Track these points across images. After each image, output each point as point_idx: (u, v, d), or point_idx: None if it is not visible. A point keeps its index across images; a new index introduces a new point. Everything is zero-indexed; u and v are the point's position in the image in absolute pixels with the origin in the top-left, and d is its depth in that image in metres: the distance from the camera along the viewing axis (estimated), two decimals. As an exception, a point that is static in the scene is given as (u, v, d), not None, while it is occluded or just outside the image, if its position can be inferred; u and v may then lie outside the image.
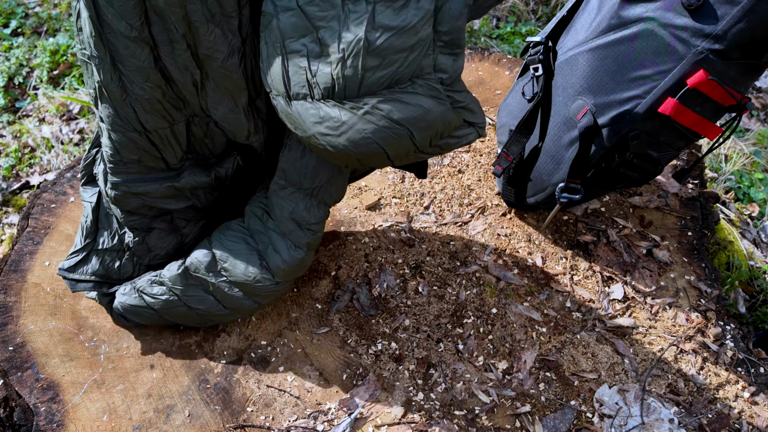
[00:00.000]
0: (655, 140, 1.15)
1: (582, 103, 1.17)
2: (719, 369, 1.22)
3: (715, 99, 1.07)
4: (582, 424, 1.14)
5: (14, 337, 1.20)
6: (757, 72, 1.07)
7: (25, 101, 2.20)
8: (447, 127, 0.91)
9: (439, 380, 1.18)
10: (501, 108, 1.48)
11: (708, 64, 1.02)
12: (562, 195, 1.24)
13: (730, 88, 1.06)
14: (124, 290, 1.19)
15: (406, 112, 0.86)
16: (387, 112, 0.86)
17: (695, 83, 1.03)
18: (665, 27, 1.05)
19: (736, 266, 1.58)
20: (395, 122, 0.87)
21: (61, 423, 1.10)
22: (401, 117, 0.87)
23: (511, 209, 1.46)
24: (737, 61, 1.03)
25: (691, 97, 1.07)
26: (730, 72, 1.04)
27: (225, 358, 1.20)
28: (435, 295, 1.30)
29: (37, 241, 1.35)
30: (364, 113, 0.87)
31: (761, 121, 2.24)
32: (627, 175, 1.23)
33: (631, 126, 1.12)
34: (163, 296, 1.16)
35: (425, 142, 0.91)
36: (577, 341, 1.25)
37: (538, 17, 2.53)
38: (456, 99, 0.90)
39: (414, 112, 0.86)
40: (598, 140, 1.17)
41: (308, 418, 1.13)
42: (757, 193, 1.92)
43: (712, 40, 1.01)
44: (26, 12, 2.52)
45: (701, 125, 1.12)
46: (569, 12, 1.26)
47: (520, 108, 1.35)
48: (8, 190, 1.94)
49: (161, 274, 1.17)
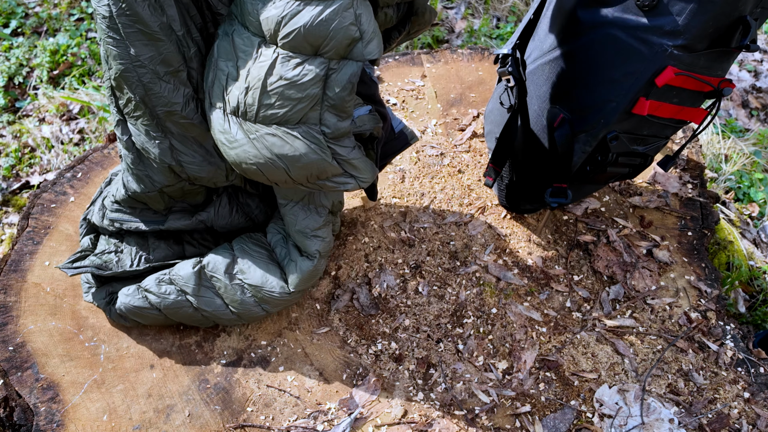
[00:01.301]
0: (638, 136, 1.14)
1: (557, 112, 1.17)
2: (719, 369, 1.22)
3: (690, 88, 1.06)
4: (582, 424, 1.14)
5: (14, 337, 1.20)
6: (729, 55, 1.05)
7: (25, 101, 2.20)
8: (322, 172, 1.03)
9: (439, 380, 1.18)
10: (486, 115, 1.48)
11: (674, 59, 1.01)
12: (551, 199, 1.24)
13: (704, 75, 1.04)
14: (128, 291, 1.19)
15: (285, 150, 1.00)
16: (270, 144, 1.00)
17: (665, 81, 1.02)
18: (624, 29, 1.03)
19: (736, 266, 1.58)
20: (275, 155, 1.00)
21: (61, 423, 1.10)
22: (280, 153, 1.00)
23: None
24: (704, 51, 1.01)
25: (665, 93, 1.05)
26: (700, 62, 1.03)
27: (225, 358, 1.20)
28: (435, 295, 1.30)
29: (37, 241, 1.35)
30: (253, 138, 1.01)
31: (761, 121, 2.24)
32: (616, 172, 1.22)
33: (606, 128, 1.11)
34: (171, 295, 1.16)
35: (301, 178, 1.04)
36: (577, 341, 1.25)
37: (538, 17, 2.53)
38: (338, 152, 1.02)
39: (291, 151, 1.00)
40: (578, 145, 1.16)
41: (308, 418, 1.13)
42: (757, 193, 1.92)
43: (674, 36, 0.99)
44: (26, 12, 2.52)
45: (683, 113, 1.10)
46: (534, 15, 1.24)
47: (501, 117, 1.34)
48: (8, 190, 1.94)
49: (171, 273, 1.18)
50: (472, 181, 1.52)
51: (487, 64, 1.81)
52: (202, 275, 1.17)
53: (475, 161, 1.56)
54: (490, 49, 1.86)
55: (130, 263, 1.22)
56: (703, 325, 1.28)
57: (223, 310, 1.17)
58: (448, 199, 1.48)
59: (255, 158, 1.02)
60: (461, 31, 2.45)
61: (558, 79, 1.16)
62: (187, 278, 1.17)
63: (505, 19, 2.53)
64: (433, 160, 1.56)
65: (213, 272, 1.17)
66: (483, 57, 1.83)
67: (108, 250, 1.24)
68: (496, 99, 1.38)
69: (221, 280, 1.16)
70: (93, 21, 2.50)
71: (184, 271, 1.17)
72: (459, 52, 1.84)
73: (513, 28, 2.45)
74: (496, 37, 2.41)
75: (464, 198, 1.48)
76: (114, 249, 1.24)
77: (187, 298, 1.16)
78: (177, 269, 1.18)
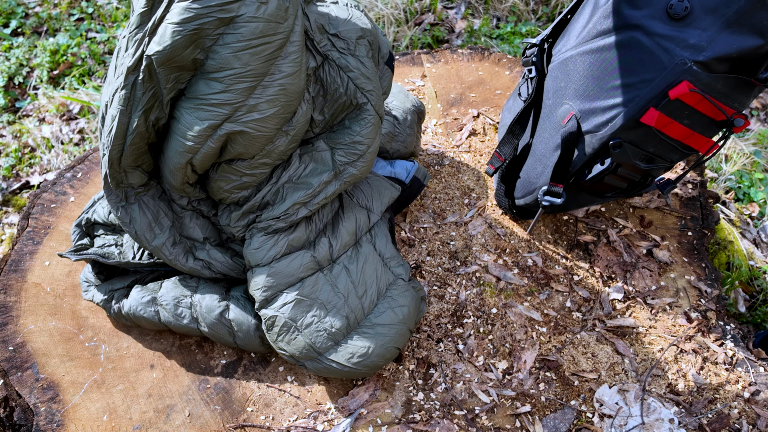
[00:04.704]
0: (643, 150, 1.13)
1: (568, 108, 1.16)
2: (719, 369, 1.22)
3: (703, 112, 1.04)
4: (582, 424, 1.14)
5: (14, 337, 1.20)
6: (750, 88, 1.02)
7: (25, 101, 2.20)
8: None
9: (439, 380, 1.18)
10: (504, 108, 1.49)
11: (692, 75, 0.99)
12: (544, 198, 1.23)
13: (720, 102, 1.02)
14: (141, 298, 1.18)
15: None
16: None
17: (678, 94, 1.00)
18: (650, 36, 1.02)
19: (736, 266, 1.58)
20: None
21: (61, 423, 1.10)
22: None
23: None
24: (724, 75, 0.99)
25: (677, 109, 1.03)
26: (717, 85, 1.00)
27: (225, 357, 1.20)
28: (435, 295, 1.30)
29: (37, 241, 1.35)
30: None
31: (761, 121, 2.24)
32: (614, 185, 1.21)
33: (612, 134, 1.10)
34: (185, 320, 1.16)
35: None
36: (577, 341, 1.25)
37: (538, 17, 2.53)
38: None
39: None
40: (581, 146, 1.15)
41: (308, 417, 1.13)
42: (757, 193, 1.92)
43: (696, 50, 0.97)
44: (26, 12, 2.52)
45: (692, 139, 1.08)
46: (568, 13, 1.24)
47: (517, 107, 1.36)
48: (8, 190, 1.94)
49: (193, 298, 1.17)
50: (472, 181, 1.52)
51: (487, 64, 1.81)
52: (223, 317, 1.16)
53: (475, 161, 1.56)
54: (490, 49, 1.86)
55: (132, 256, 1.21)
56: (703, 325, 1.28)
57: (230, 342, 1.17)
58: (448, 199, 1.48)
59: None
60: (461, 31, 2.45)
61: (576, 75, 1.15)
62: (208, 311, 1.15)
63: (505, 19, 2.53)
64: (433, 160, 1.56)
65: (238, 326, 1.15)
66: (483, 57, 1.83)
67: (108, 244, 1.24)
68: (516, 91, 1.39)
69: (243, 330, 1.15)
70: (93, 21, 2.50)
71: (207, 303, 1.16)
72: (459, 52, 1.84)
73: (513, 28, 2.45)
74: (496, 37, 2.41)
75: (464, 198, 1.48)
76: (114, 243, 1.24)
77: (200, 327, 1.16)
78: (201, 298, 1.16)
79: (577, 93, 1.15)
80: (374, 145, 1.15)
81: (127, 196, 1.11)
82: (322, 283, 1.13)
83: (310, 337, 1.09)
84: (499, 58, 1.82)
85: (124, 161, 1.05)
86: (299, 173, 1.14)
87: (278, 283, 1.11)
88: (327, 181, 1.13)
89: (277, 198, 1.14)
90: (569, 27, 1.22)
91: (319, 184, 1.12)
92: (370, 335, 1.10)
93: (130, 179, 1.09)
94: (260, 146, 1.04)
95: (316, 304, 1.11)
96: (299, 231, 1.15)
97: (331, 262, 1.16)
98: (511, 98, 1.46)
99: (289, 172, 1.13)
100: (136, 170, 1.09)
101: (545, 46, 1.25)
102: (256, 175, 1.10)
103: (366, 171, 1.16)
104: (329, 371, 1.10)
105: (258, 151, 1.05)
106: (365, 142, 1.13)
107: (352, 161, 1.14)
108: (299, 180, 1.13)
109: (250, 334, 1.14)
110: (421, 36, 2.39)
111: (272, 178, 1.13)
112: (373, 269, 1.17)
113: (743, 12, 0.94)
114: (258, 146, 1.04)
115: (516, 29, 2.43)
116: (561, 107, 1.19)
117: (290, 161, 1.13)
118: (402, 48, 2.34)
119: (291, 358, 1.10)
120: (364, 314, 1.13)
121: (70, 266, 1.32)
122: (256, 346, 1.16)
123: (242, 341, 1.16)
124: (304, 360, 1.10)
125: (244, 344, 1.16)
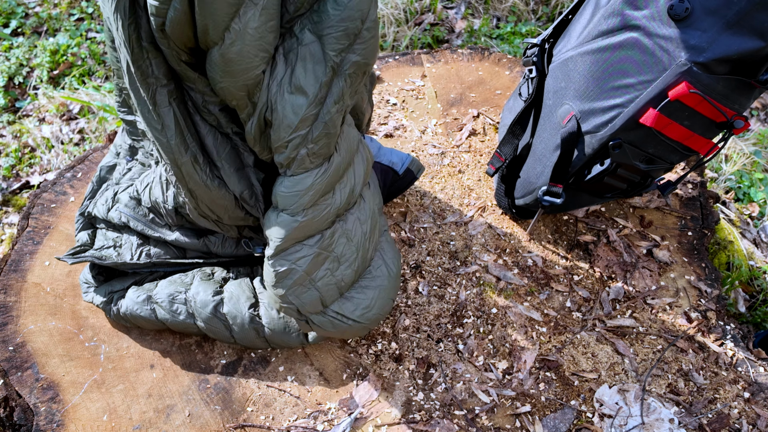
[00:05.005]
0: (642, 151, 1.12)
1: (568, 108, 1.16)
2: (719, 369, 1.22)
3: (703, 113, 1.04)
4: (582, 424, 1.14)
5: (14, 337, 1.20)
6: (750, 90, 1.02)
7: (25, 101, 2.20)
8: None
9: (439, 380, 1.18)
10: (505, 108, 1.49)
11: (692, 76, 0.98)
12: (543, 198, 1.23)
13: (720, 103, 1.01)
14: (136, 297, 1.18)
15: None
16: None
17: (677, 95, 0.99)
18: (651, 36, 1.01)
19: (736, 266, 1.58)
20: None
21: (61, 423, 1.10)
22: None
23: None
24: (724, 76, 0.99)
25: (676, 110, 1.03)
26: (718, 86, 1.00)
27: (225, 357, 1.20)
28: (435, 295, 1.30)
29: (37, 241, 1.35)
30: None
31: (761, 121, 2.24)
32: (613, 185, 1.21)
33: (612, 134, 1.10)
34: (181, 315, 1.16)
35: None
36: (577, 341, 1.25)
37: (538, 17, 2.53)
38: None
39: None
40: (580, 146, 1.15)
41: (308, 418, 1.13)
42: (757, 193, 1.92)
43: (696, 51, 0.97)
44: (26, 12, 2.51)
45: (692, 140, 1.08)
46: (569, 14, 1.24)
47: (517, 107, 1.36)
48: (8, 190, 1.94)
49: (187, 294, 1.17)
50: (472, 181, 1.52)
51: (488, 64, 1.81)
52: (218, 312, 1.16)
53: (475, 161, 1.56)
54: (490, 49, 1.86)
55: (129, 257, 1.21)
56: (703, 325, 1.28)
57: (227, 337, 1.17)
58: (448, 199, 1.48)
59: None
60: (461, 31, 2.45)
61: (577, 76, 1.15)
62: (202, 306, 1.15)
63: (505, 19, 2.53)
64: (433, 160, 1.56)
65: (232, 320, 1.15)
66: (483, 57, 1.83)
67: (107, 245, 1.24)
68: (517, 90, 1.39)
69: (238, 323, 1.15)
70: (93, 21, 2.50)
71: (201, 298, 1.16)
72: (459, 52, 1.84)
73: (513, 28, 2.45)
74: (496, 37, 2.41)
75: (464, 198, 1.48)
76: (112, 244, 1.24)
77: (197, 323, 1.16)
78: (195, 293, 1.17)
79: (578, 93, 1.15)
80: (370, 18, 0.90)
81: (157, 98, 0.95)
82: (338, 236, 1.07)
83: (321, 290, 1.06)
84: (499, 58, 1.82)
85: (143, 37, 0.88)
86: (288, 78, 0.92)
87: (300, 236, 1.05)
88: (327, 81, 0.92)
89: (274, 115, 0.94)
90: (570, 27, 1.22)
91: (320, 87, 0.92)
92: (372, 287, 1.10)
93: (155, 69, 0.92)
94: (223, 17, 0.83)
95: (331, 256, 1.07)
96: (330, 173, 1.01)
97: (346, 212, 1.09)
98: (511, 98, 1.46)
99: (276, 78, 0.92)
100: (159, 54, 0.91)
101: (546, 47, 1.26)
102: (234, 74, 0.89)
103: (370, 55, 0.93)
104: (332, 325, 1.08)
105: (224, 26, 0.84)
106: (356, 15, 0.88)
107: (347, 45, 0.90)
108: (292, 87, 0.92)
109: (244, 327, 1.15)
110: (421, 36, 2.39)
111: (263, 89, 0.93)
112: (375, 219, 1.14)
113: (744, 13, 0.93)
114: (220, 17, 0.83)
115: (516, 29, 2.43)
116: (561, 107, 1.19)
117: (275, 64, 0.92)
118: (402, 48, 2.34)
119: (296, 312, 1.08)
120: (365, 266, 1.12)
121: (70, 266, 1.32)
122: (252, 339, 1.16)
123: (239, 335, 1.16)
124: (310, 313, 1.07)
125: (240, 338, 1.16)
